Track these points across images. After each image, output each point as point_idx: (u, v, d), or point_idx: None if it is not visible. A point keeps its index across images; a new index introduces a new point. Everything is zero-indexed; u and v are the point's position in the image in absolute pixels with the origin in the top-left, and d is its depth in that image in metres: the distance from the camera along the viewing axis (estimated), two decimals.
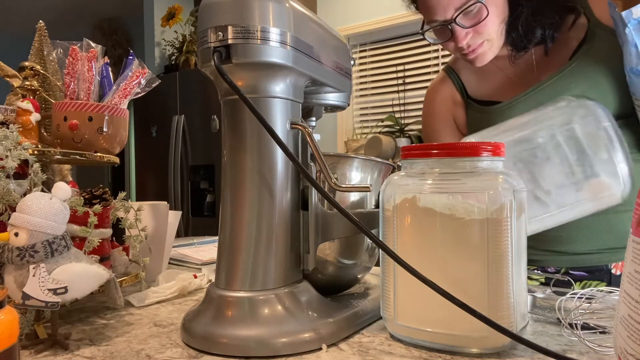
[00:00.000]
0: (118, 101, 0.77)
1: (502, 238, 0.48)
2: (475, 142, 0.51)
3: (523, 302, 0.53)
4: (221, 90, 0.55)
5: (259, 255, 0.53)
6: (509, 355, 0.49)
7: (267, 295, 0.52)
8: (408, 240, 0.52)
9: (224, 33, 0.51)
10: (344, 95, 0.70)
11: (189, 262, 1.00)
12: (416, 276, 0.47)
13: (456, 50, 0.91)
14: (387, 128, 3.21)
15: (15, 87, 0.79)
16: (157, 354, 0.50)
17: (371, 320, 0.60)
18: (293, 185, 0.55)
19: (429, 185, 0.52)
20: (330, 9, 3.51)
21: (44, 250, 0.50)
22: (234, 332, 0.50)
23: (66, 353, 0.51)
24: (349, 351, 0.51)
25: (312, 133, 0.55)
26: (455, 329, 0.49)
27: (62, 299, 0.49)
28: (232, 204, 0.54)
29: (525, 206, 0.54)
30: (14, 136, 0.59)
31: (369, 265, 0.67)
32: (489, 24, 0.86)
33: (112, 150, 0.77)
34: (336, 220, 0.57)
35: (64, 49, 0.80)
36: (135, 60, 0.80)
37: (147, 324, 0.61)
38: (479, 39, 0.87)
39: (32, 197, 0.51)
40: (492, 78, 1.02)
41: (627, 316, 0.38)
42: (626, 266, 0.39)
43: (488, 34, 0.87)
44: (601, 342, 0.50)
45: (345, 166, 0.61)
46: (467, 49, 0.89)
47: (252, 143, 0.53)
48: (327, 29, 0.62)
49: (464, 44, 0.87)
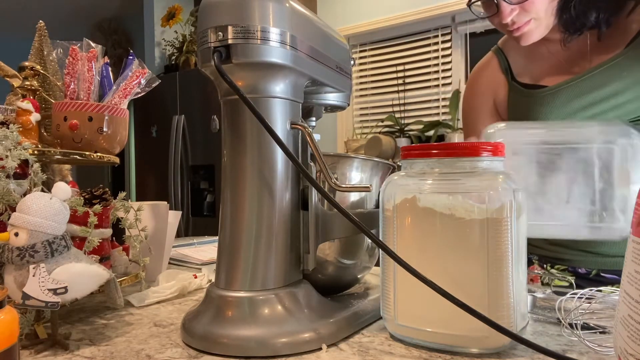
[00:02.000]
0: (118, 101, 0.77)
1: (502, 238, 0.48)
2: (476, 142, 0.51)
3: (523, 302, 0.53)
4: (221, 90, 0.55)
5: (259, 255, 0.53)
6: (509, 355, 0.49)
7: (267, 295, 0.52)
8: (408, 240, 0.52)
9: (224, 33, 0.51)
10: (344, 95, 0.70)
11: (189, 262, 1.00)
12: (416, 276, 0.47)
13: (501, 27, 0.89)
14: (387, 128, 3.21)
15: (15, 87, 0.79)
16: (157, 354, 0.50)
17: (371, 320, 0.60)
18: (293, 185, 0.55)
19: (429, 185, 0.52)
20: (330, 9, 3.51)
21: (44, 250, 0.50)
22: (234, 332, 0.50)
23: (66, 353, 0.51)
24: (349, 351, 0.51)
25: (312, 133, 0.55)
26: (455, 329, 0.49)
27: (62, 299, 0.49)
28: (232, 204, 0.54)
29: (525, 206, 0.54)
30: (14, 136, 0.59)
31: (369, 265, 0.67)
32: (536, 2, 0.83)
33: (112, 150, 0.77)
34: (336, 220, 0.57)
35: (64, 49, 0.80)
36: (135, 60, 0.80)
37: (147, 324, 0.61)
38: (526, 17, 0.84)
39: (32, 197, 0.51)
40: (541, 61, 0.98)
41: (627, 316, 0.38)
42: (626, 266, 0.39)
43: (535, 13, 0.84)
44: (601, 342, 0.50)
45: (345, 166, 0.61)
46: (511, 25, 0.86)
47: (252, 143, 0.53)
48: (327, 29, 0.62)
49: (509, 20, 0.84)
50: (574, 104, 0.89)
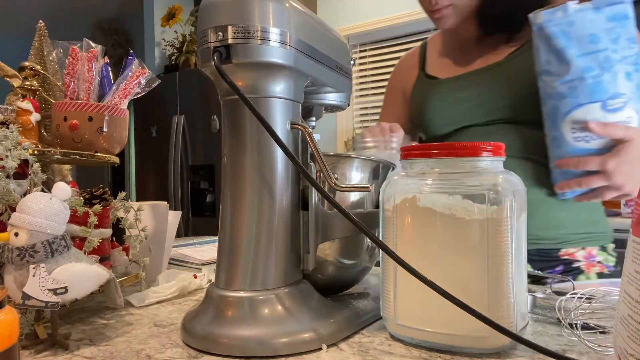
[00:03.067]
0: (118, 101, 0.77)
1: (502, 238, 0.48)
2: (476, 142, 0.51)
3: (523, 302, 0.53)
4: (221, 90, 0.55)
5: (259, 255, 0.53)
6: (509, 355, 0.49)
7: (267, 295, 0.52)
8: (408, 240, 0.52)
9: (224, 33, 0.51)
10: (344, 95, 0.70)
11: (189, 262, 1.00)
12: (416, 276, 0.47)
13: (424, 5, 0.97)
14: None
15: (15, 87, 0.79)
16: (157, 354, 0.50)
17: (371, 320, 0.60)
18: (293, 185, 0.55)
19: (429, 185, 0.52)
20: (330, 9, 3.51)
21: (44, 250, 0.50)
22: (234, 332, 0.50)
23: (66, 353, 0.51)
24: (349, 351, 0.51)
25: (312, 133, 0.55)
26: (455, 329, 0.49)
27: (62, 299, 0.49)
28: (232, 204, 0.54)
29: (525, 206, 0.54)
30: (14, 136, 0.59)
31: (369, 265, 0.67)
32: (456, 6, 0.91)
33: (112, 150, 0.77)
34: (336, 220, 0.57)
35: (64, 49, 0.80)
36: (135, 60, 0.80)
37: (147, 324, 0.61)
38: (447, 1, 0.92)
39: (32, 197, 0.51)
40: (448, 56, 1.07)
41: (627, 316, 0.38)
42: (626, 266, 0.39)
43: (458, 13, 0.93)
44: (601, 342, 0.50)
45: (345, 166, 0.61)
46: (434, 5, 0.93)
47: (252, 143, 0.53)
48: (327, 29, 0.62)
49: None
50: (455, 96, 0.99)
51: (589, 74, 0.76)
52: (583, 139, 0.78)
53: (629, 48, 0.76)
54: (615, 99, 0.76)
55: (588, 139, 0.78)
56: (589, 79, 0.76)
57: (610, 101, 0.76)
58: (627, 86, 0.76)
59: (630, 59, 0.76)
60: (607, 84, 0.75)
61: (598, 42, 0.75)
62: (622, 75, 0.75)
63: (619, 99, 0.76)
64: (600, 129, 0.75)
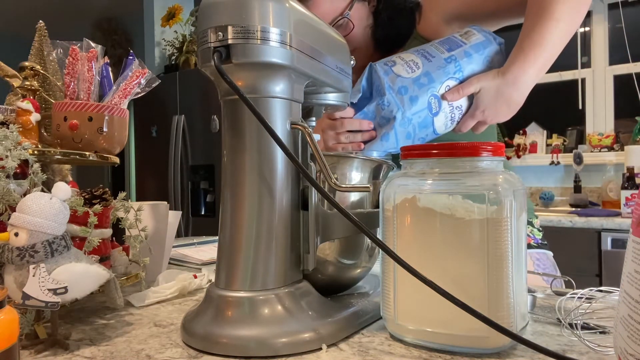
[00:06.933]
0: (118, 101, 0.77)
1: (502, 238, 0.48)
2: (476, 142, 0.51)
3: (523, 302, 0.53)
4: (221, 90, 0.55)
5: (259, 255, 0.53)
6: (509, 355, 0.49)
7: (267, 295, 0.52)
8: (408, 240, 0.52)
9: (224, 33, 0.51)
10: (344, 95, 0.70)
11: (189, 262, 1.00)
12: (416, 276, 0.47)
13: None
14: None
15: (15, 87, 0.79)
16: (157, 354, 0.50)
17: (371, 320, 0.60)
18: (293, 185, 0.55)
19: (429, 185, 0.52)
20: None
21: (44, 250, 0.50)
22: (234, 332, 0.50)
23: (66, 353, 0.51)
24: (349, 351, 0.51)
25: (312, 133, 0.55)
26: (455, 329, 0.49)
27: (62, 299, 0.49)
28: (232, 204, 0.54)
29: (525, 206, 0.54)
30: (14, 136, 0.59)
31: (369, 265, 0.67)
32: (353, 35, 1.01)
33: (112, 150, 0.77)
34: (336, 220, 0.57)
35: (64, 49, 0.80)
36: (135, 60, 0.80)
37: (147, 324, 0.61)
38: (350, 47, 1.00)
39: (32, 197, 0.51)
40: None
41: (627, 316, 0.38)
42: (626, 266, 0.39)
43: (357, 43, 1.03)
44: (601, 342, 0.50)
45: (345, 166, 0.62)
46: None
47: (252, 143, 0.53)
48: (327, 29, 0.62)
49: None
50: None
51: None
52: (454, 113, 0.90)
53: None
54: None
55: (460, 108, 0.90)
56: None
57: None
58: None
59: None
60: None
61: None
62: None
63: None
64: (455, 95, 0.87)
